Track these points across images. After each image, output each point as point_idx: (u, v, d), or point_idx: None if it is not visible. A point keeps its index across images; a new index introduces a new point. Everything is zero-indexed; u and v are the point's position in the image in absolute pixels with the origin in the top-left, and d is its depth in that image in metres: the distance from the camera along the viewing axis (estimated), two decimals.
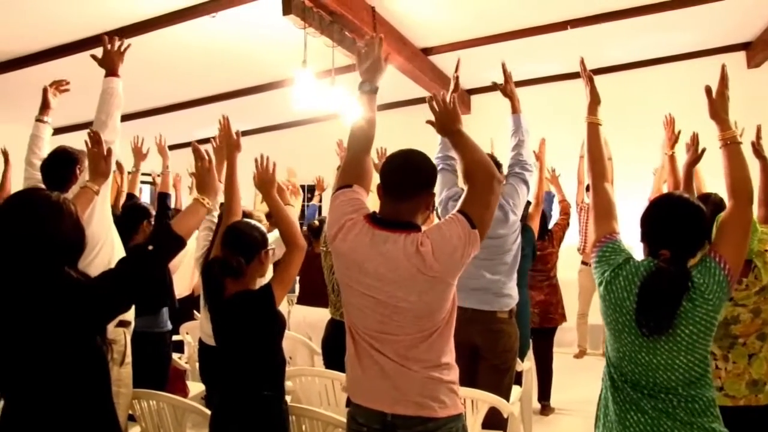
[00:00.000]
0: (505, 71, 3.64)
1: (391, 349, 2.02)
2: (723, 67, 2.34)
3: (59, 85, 3.55)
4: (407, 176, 2.08)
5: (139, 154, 4.97)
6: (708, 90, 2.31)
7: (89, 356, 1.89)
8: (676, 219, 2.10)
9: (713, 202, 2.78)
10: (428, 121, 2.29)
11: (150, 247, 2.01)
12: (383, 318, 2.01)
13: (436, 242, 1.93)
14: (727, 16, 6.83)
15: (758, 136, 3.18)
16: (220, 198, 2.88)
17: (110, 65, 3.19)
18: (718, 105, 2.27)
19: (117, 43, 3.22)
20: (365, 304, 2.03)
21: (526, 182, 3.56)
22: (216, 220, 3.64)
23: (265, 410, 2.55)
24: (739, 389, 2.70)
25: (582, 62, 2.66)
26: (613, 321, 2.10)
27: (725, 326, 2.71)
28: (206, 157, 2.45)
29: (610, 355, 2.17)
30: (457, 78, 3.67)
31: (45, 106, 3.47)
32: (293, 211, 3.46)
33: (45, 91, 3.49)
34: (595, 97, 2.50)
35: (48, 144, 3.44)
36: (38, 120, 3.44)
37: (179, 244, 2.13)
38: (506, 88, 3.63)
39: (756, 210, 3.05)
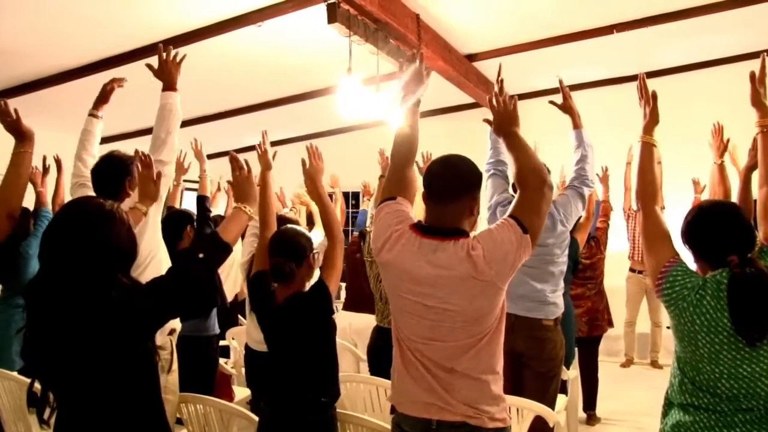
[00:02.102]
0: (562, 88, 3.57)
1: (440, 356, 2.02)
2: (763, 57, 2.35)
3: (119, 82, 3.48)
4: (449, 179, 2.09)
5: (180, 169, 5.00)
6: (752, 76, 2.33)
7: (140, 362, 1.93)
8: (728, 224, 2.08)
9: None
10: (486, 120, 2.31)
11: (201, 255, 2.05)
12: (433, 324, 2.01)
13: (487, 247, 1.93)
14: None
15: None
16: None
17: (168, 77, 3.15)
18: (760, 92, 2.31)
19: (173, 53, 3.17)
20: (415, 311, 2.03)
21: (582, 197, 3.52)
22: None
23: (319, 417, 2.58)
24: None
25: (643, 78, 2.52)
26: (708, 343, 2.02)
27: None
28: (244, 166, 2.49)
29: (697, 381, 2.07)
30: (501, 82, 3.65)
31: (101, 101, 3.42)
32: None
33: (104, 86, 3.43)
34: (655, 116, 2.41)
35: (98, 140, 3.41)
36: (91, 114, 3.39)
37: (227, 250, 2.18)
38: (565, 104, 3.56)
39: None
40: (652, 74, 7.57)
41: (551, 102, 3.58)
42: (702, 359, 2.06)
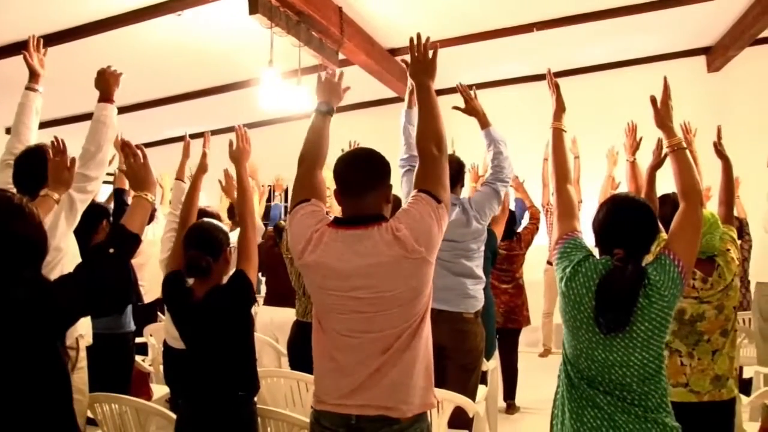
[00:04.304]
0: (463, 92, 3.62)
1: (371, 348, 2.01)
2: (665, 79, 2.44)
3: (36, 48, 3.25)
4: (360, 171, 2.09)
5: None
6: (653, 100, 2.42)
7: (49, 361, 1.86)
8: (626, 218, 2.15)
9: (672, 202, 2.84)
10: (455, 107, 2.32)
11: (111, 250, 1.99)
12: (367, 316, 2.00)
13: (410, 225, 1.95)
14: (688, 22, 7.00)
15: (719, 137, 3.27)
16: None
17: (105, 87, 3.06)
18: (663, 114, 2.39)
19: (113, 69, 3.09)
20: (346, 307, 2.01)
21: (498, 193, 3.58)
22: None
23: (239, 411, 2.55)
24: (703, 385, 2.78)
25: (549, 71, 2.73)
26: (571, 318, 2.14)
27: (691, 324, 2.79)
28: (138, 153, 2.41)
29: (567, 353, 2.21)
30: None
31: (33, 74, 3.22)
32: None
33: (24, 57, 3.22)
34: (561, 104, 2.57)
35: (38, 115, 3.23)
36: (28, 88, 3.20)
37: (135, 240, 2.12)
38: (468, 106, 3.61)
39: (716, 209, 3.14)
40: (571, 72, 7.85)
41: (455, 107, 3.62)
42: (568, 335, 2.19)
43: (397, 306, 1.99)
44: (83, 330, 3.06)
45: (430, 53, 2.31)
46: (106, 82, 3.07)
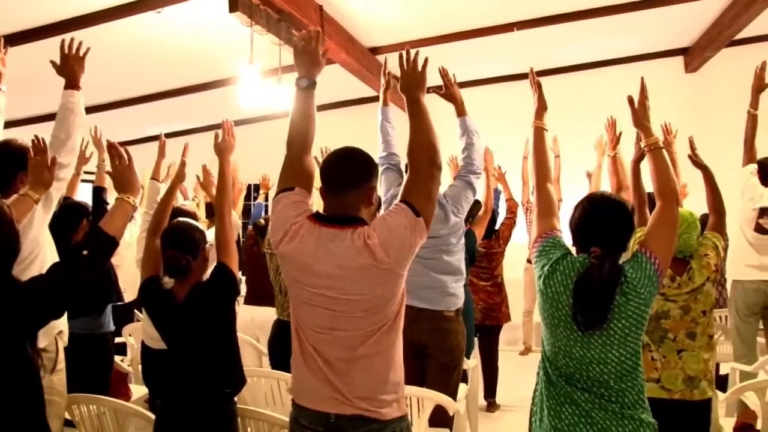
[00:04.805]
0: (444, 75, 3.61)
1: (340, 346, 2.01)
2: (642, 80, 2.47)
3: None
4: (344, 169, 2.08)
5: (81, 158, 4.77)
6: (630, 100, 2.44)
7: (18, 364, 1.83)
8: (602, 217, 2.17)
9: (652, 200, 2.87)
10: (391, 74, 2.30)
11: (84, 252, 1.97)
12: (334, 314, 1.99)
13: (383, 235, 1.93)
14: (667, 23, 7.08)
15: (692, 148, 3.29)
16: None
17: (70, 74, 2.98)
18: (640, 114, 2.41)
19: (76, 46, 2.98)
20: (316, 302, 2.01)
21: (471, 185, 3.58)
22: None
23: (220, 410, 2.53)
24: (675, 383, 2.81)
25: (531, 70, 2.74)
26: (549, 315, 2.16)
27: (656, 320, 2.83)
28: (123, 155, 2.39)
29: (545, 350, 2.22)
30: (388, 75, 3.69)
31: None
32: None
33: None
34: (543, 103, 2.58)
35: (2, 114, 3.16)
36: None
37: (112, 243, 2.11)
38: (447, 92, 3.60)
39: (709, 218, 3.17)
40: (551, 72, 7.90)
41: (433, 90, 3.58)
42: (547, 332, 2.21)
43: (362, 310, 1.98)
44: (63, 327, 3.04)
45: (420, 66, 2.28)
46: (70, 69, 2.99)
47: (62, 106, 2.96)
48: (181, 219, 2.80)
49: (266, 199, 6.61)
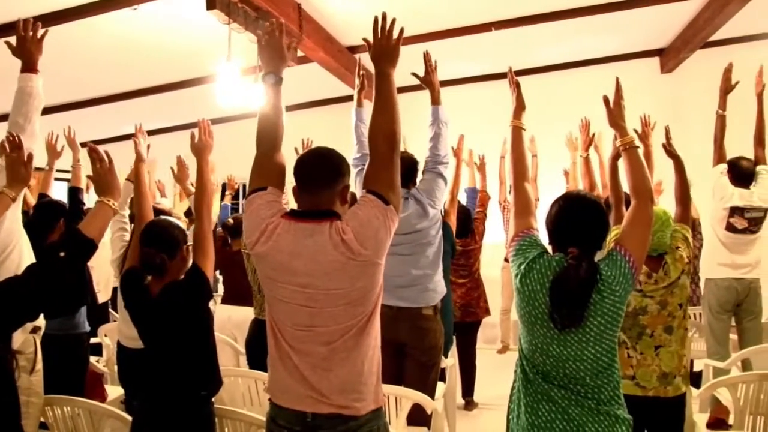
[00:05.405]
0: (427, 60, 3.61)
1: (319, 342, 2.00)
2: (617, 80, 2.49)
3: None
4: (317, 167, 2.08)
5: (53, 152, 4.71)
6: (606, 100, 2.46)
7: None
8: (578, 217, 2.18)
9: (627, 200, 2.90)
10: (365, 39, 2.27)
11: (62, 254, 1.95)
12: (314, 311, 1.99)
13: (356, 228, 1.94)
14: (643, 24, 7.16)
15: (667, 137, 3.33)
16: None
17: (27, 56, 2.89)
18: (615, 114, 2.43)
19: (31, 29, 2.88)
20: (294, 299, 2.01)
21: (441, 175, 3.61)
22: (127, 220, 3.59)
23: (197, 411, 2.52)
24: (650, 380, 2.84)
25: (510, 70, 2.75)
26: (526, 313, 2.17)
27: (634, 316, 2.87)
28: (104, 157, 2.38)
29: (522, 348, 2.24)
30: (362, 76, 3.70)
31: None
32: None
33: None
34: (521, 102, 2.59)
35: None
36: None
37: (90, 246, 2.08)
38: (426, 77, 3.60)
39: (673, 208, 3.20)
40: (528, 71, 7.94)
41: (413, 73, 3.57)
42: (524, 330, 2.22)
43: (343, 303, 1.99)
44: (39, 323, 2.99)
45: (394, 37, 2.23)
46: (28, 52, 2.90)
47: (20, 90, 2.87)
48: (162, 217, 2.78)
49: (241, 197, 6.55)
